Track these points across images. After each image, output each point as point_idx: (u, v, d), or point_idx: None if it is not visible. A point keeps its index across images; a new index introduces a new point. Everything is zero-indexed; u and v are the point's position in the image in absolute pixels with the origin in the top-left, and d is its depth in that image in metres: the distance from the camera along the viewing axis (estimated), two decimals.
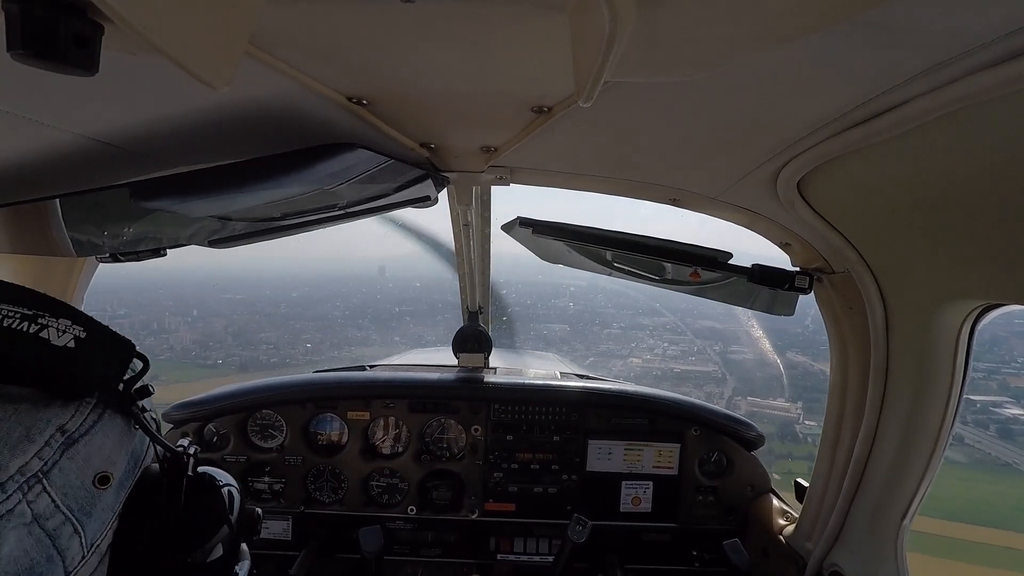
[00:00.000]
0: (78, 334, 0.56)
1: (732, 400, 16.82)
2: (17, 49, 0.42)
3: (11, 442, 0.49)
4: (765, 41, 0.57)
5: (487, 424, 2.24)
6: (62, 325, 0.55)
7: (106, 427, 0.57)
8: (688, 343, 22.34)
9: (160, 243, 1.65)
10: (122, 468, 0.59)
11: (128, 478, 0.61)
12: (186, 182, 1.12)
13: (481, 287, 2.38)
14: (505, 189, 1.60)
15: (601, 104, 0.91)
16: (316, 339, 24.16)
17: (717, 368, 19.67)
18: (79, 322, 0.57)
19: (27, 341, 0.53)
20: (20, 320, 0.54)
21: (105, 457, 0.57)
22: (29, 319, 0.54)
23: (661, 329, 23.82)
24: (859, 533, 1.51)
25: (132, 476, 0.62)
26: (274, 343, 23.06)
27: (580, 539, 1.84)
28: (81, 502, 0.53)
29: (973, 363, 1.24)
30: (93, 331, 0.58)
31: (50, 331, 0.54)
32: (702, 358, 20.96)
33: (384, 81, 0.89)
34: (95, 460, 0.55)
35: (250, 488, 2.18)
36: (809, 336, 15.84)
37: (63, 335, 0.55)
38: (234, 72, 0.52)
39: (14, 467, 0.48)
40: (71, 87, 0.75)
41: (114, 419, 0.59)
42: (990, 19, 0.58)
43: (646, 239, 1.64)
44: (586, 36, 0.54)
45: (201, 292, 27.18)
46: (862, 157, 0.97)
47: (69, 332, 0.55)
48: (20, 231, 1.38)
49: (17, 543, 0.47)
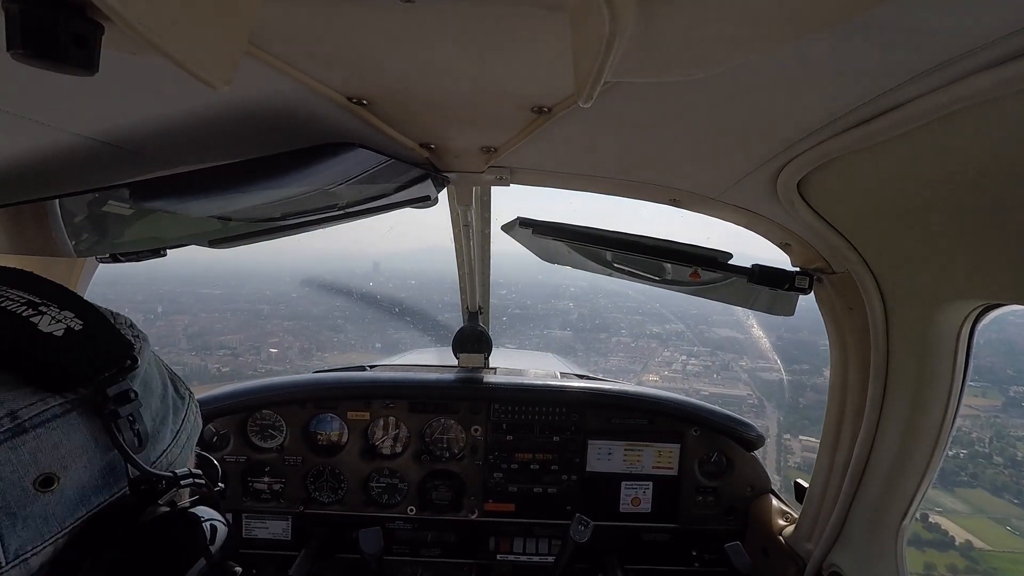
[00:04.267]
0: (72, 325, 0.53)
1: (782, 439, 13.97)
2: (17, 49, 0.42)
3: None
4: (766, 42, 0.57)
5: (487, 424, 2.24)
6: (61, 316, 0.54)
7: (69, 426, 0.52)
8: (708, 356, 19.90)
9: (160, 243, 1.65)
10: (81, 477, 0.53)
11: (94, 493, 0.54)
12: (186, 182, 1.12)
13: (481, 287, 2.38)
14: (505, 189, 1.60)
15: (601, 104, 0.92)
16: (286, 343, 22.49)
17: (750, 392, 16.72)
18: (81, 316, 0.55)
19: (15, 323, 0.51)
20: (20, 305, 0.52)
21: (58, 458, 0.50)
22: (31, 305, 0.53)
23: (675, 339, 21.42)
24: (859, 533, 1.51)
25: (103, 493, 0.55)
26: (234, 348, 21.01)
27: (582, 539, 1.84)
28: (9, 501, 0.47)
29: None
30: (91, 325, 0.55)
31: (44, 318, 0.52)
32: (729, 377, 18.18)
33: (384, 81, 0.89)
34: (43, 458, 0.49)
35: (250, 488, 2.18)
36: None
37: (54, 323, 0.53)
38: (234, 72, 0.52)
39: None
40: (71, 87, 0.75)
41: (79, 421, 0.53)
42: (990, 19, 0.58)
43: (646, 239, 1.64)
44: (586, 36, 0.54)
45: (181, 287, 25.97)
46: (862, 157, 0.97)
47: (63, 322, 0.53)
48: (20, 231, 1.38)
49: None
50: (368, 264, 49.37)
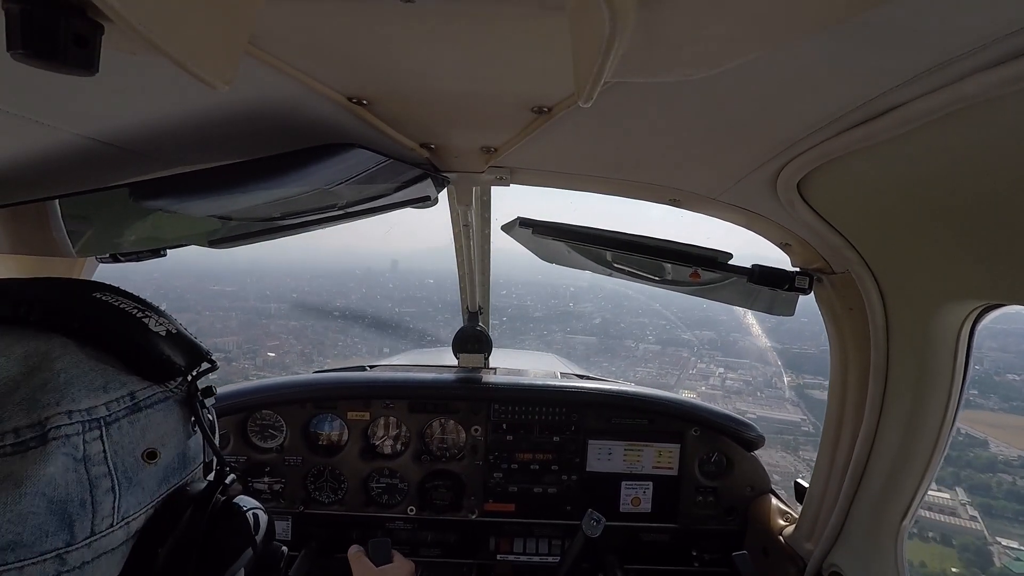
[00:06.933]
0: (169, 328, 0.65)
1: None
2: (17, 49, 0.42)
3: (91, 386, 0.54)
4: (766, 42, 0.57)
5: (487, 424, 2.24)
6: (160, 320, 0.65)
7: (167, 410, 0.62)
8: (747, 369, 17.85)
9: (160, 243, 1.65)
10: (170, 455, 0.62)
11: (173, 474, 0.63)
12: (186, 182, 1.12)
13: (481, 287, 2.38)
14: (505, 189, 1.60)
15: (601, 104, 0.92)
16: (286, 345, 21.93)
17: (804, 417, 13.79)
18: (172, 323, 0.67)
19: (131, 321, 0.62)
20: (132, 308, 0.64)
21: (159, 436, 0.60)
22: (140, 309, 0.64)
23: (708, 347, 19.51)
24: (859, 533, 1.51)
25: (178, 475, 0.63)
26: (229, 351, 20.58)
27: (595, 534, 1.81)
28: (126, 466, 0.56)
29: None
30: (179, 331, 0.67)
31: (151, 320, 0.64)
32: (775, 397, 15.76)
33: (384, 81, 0.89)
34: (149, 435, 0.59)
35: (250, 488, 2.18)
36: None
37: (159, 325, 0.64)
38: (235, 72, 0.52)
39: (84, 404, 0.53)
40: (71, 87, 0.75)
41: (175, 407, 0.63)
42: (990, 19, 0.58)
43: (646, 239, 1.64)
44: (586, 36, 0.54)
45: (194, 283, 25.51)
46: (862, 157, 0.97)
47: (163, 326, 0.65)
48: (20, 231, 1.38)
49: (63, 470, 0.50)
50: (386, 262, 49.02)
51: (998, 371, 15.76)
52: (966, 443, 13.04)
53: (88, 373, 0.55)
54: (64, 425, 0.51)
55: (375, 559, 1.68)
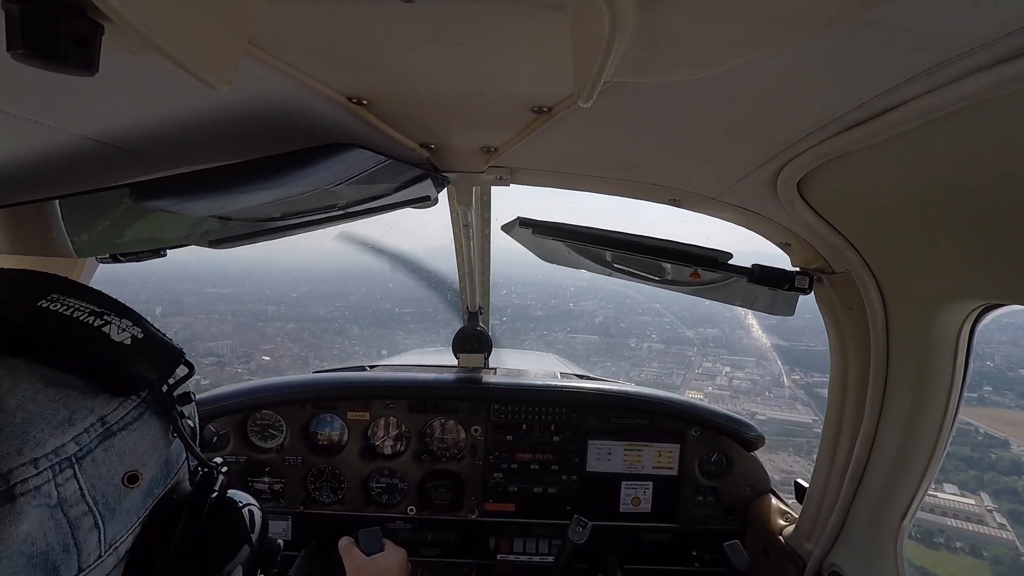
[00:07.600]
0: (135, 334, 0.58)
1: None
2: (17, 49, 0.42)
3: (53, 422, 0.49)
4: (766, 41, 0.57)
5: (487, 424, 2.24)
6: (123, 324, 0.58)
7: (144, 427, 0.57)
8: (754, 368, 17.65)
9: (160, 244, 1.65)
10: (153, 471, 0.58)
11: (157, 485, 0.60)
12: (186, 182, 1.12)
13: (481, 287, 2.38)
14: (505, 189, 1.60)
15: (601, 104, 0.92)
16: (281, 349, 21.53)
17: (816, 418, 13.51)
18: (139, 324, 0.60)
19: (89, 333, 0.55)
20: (88, 315, 0.56)
21: (138, 456, 0.56)
22: (96, 315, 0.57)
23: (713, 345, 19.13)
24: (859, 533, 1.51)
25: (162, 484, 0.61)
26: (222, 355, 19.93)
27: (580, 540, 1.84)
28: (107, 497, 0.52)
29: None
30: (148, 333, 0.60)
31: (112, 327, 0.57)
32: (784, 396, 15.53)
33: (384, 81, 0.89)
34: (128, 457, 0.55)
35: (250, 488, 2.18)
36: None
37: (122, 332, 0.57)
38: (235, 72, 0.52)
39: (50, 446, 0.48)
40: (71, 87, 0.75)
41: (153, 421, 0.59)
42: (990, 19, 0.58)
43: (646, 239, 1.64)
44: (586, 36, 0.54)
45: (190, 286, 25.27)
46: (862, 157, 0.97)
47: (128, 331, 0.58)
48: (20, 231, 1.38)
49: (38, 523, 0.46)
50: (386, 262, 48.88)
51: (1011, 366, 15.61)
52: (986, 443, 12.55)
53: (47, 406, 0.49)
54: (31, 477, 0.46)
55: (366, 548, 1.68)
